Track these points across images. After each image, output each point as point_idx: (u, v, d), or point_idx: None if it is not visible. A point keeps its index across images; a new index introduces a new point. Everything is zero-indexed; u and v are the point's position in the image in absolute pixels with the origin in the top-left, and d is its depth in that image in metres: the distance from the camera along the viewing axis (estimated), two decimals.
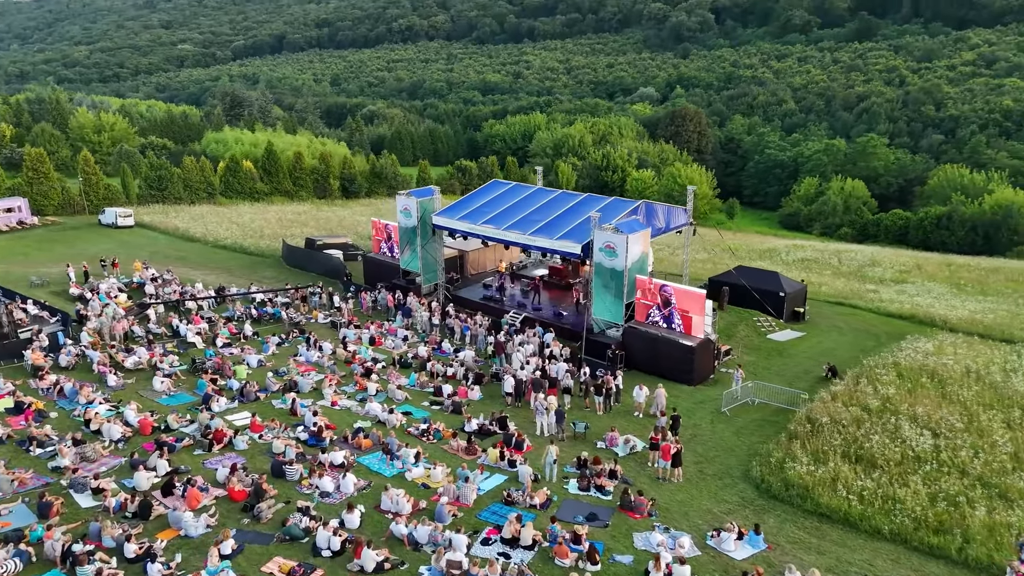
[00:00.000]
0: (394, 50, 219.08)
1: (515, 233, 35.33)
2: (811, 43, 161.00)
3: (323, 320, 37.75)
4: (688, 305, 30.72)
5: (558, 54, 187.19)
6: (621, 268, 31.49)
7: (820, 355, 34.40)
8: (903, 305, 43.29)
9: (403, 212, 40.05)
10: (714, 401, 28.78)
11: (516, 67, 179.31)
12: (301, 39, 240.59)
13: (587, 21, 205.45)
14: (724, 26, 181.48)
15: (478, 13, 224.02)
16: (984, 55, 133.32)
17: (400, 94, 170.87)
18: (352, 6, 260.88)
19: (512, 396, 28.08)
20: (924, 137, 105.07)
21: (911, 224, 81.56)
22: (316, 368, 31.13)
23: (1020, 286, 52.30)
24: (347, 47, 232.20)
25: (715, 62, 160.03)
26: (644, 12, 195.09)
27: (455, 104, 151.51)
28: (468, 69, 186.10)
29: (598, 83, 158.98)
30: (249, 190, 74.86)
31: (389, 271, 42.10)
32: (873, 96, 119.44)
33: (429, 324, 36.46)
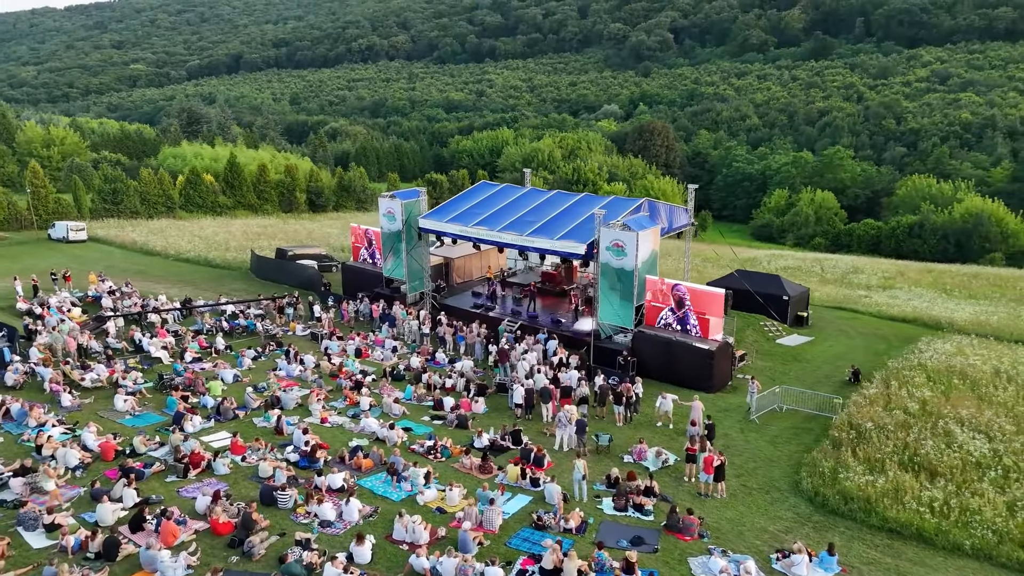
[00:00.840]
0: (354, 69, 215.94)
1: (511, 234, 32.68)
2: (769, 61, 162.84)
3: (302, 332, 34.47)
4: (705, 306, 28.37)
5: (520, 73, 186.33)
6: (631, 268, 29.02)
7: (835, 359, 32.41)
8: (903, 308, 41.79)
9: (386, 215, 37.11)
10: (738, 409, 26.36)
11: (479, 86, 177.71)
12: (259, 59, 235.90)
13: (548, 41, 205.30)
14: (683, 45, 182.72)
15: (439, 33, 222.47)
16: (937, 72, 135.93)
17: (362, 112, 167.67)
18: (311, 26, 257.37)
19: (522, 408, 25.24)
20: (887, 150, 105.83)
21: (883, 233, 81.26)
22: (299, 383, 27.90)
23: (1004, 290, 51.46)
24: (306, 67, 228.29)
25: (676, 80, 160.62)
26: (604, 32, 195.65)
27: (419, 121, 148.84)
28: (430, 88, 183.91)
29: (562, 100, 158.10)
30: (211, 203, 70.95)
31: (371, 280, 39.01)
32: (834, 111, 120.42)
33: (419, 334, 33.47)
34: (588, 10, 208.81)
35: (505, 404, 26.57)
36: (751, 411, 25.82)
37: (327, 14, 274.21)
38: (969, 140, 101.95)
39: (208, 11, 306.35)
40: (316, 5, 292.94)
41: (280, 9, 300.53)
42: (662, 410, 24.74)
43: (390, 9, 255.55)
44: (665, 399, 24.72)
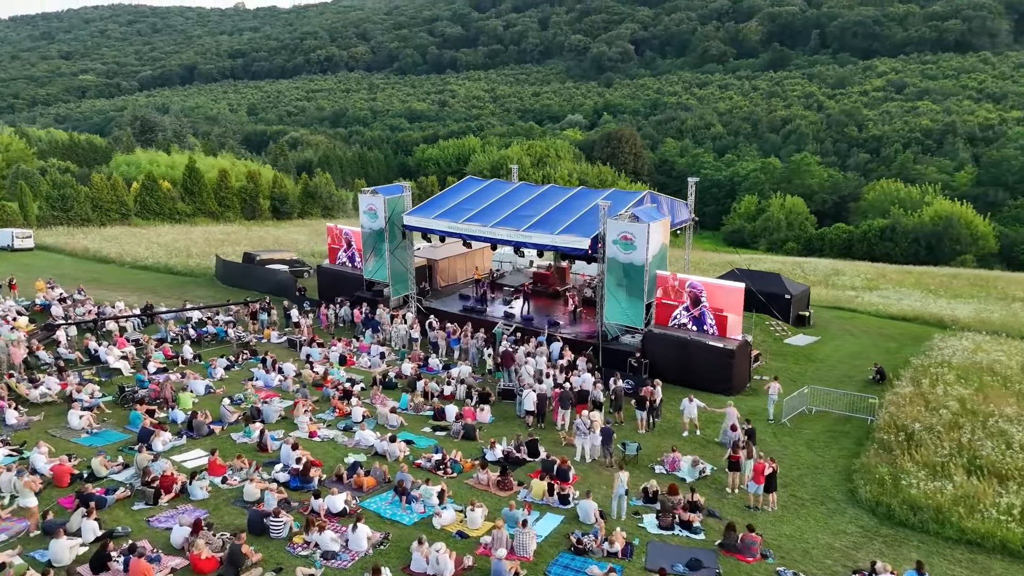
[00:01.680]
0: (313, 80, 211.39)
1: (507, 230, 30.15)
2: (729, 72, 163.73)
3: (278, 339, 31.37)
4: (722, 302, 26.17)
5: (482, 84, 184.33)
6: (641, 262, 26.72)
7: (850, 359, 30.55)
8: (901, 307, 40.38)
9: (367, 213, 34.27)
10: (762, 414, 24.11)
11: (441, 96, 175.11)
12: (214, 69, 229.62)
13: (509, 52, 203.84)
14: (644, 57, 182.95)
15: (399, 44, 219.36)
16: (893, 81, 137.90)
17: (322, 122, 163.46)
18: (267, 37, 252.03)
19: (534, 415, 22.64)
20: (851, 156, 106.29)
21: (855, 237, 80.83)
22: (279, 393, 24.89)
23: (986, 289, 50.64)
24: (263, 78, 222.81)
25: (639, 90, 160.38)
26: (565, 44, 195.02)
27: (382, 131, 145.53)
28: (392, 98, 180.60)
29: (525, 111, 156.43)
30: (169, 211, 66.93)
31: (350, 283, 36.03)
32: (797, 119, 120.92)
33: (407, 339, 30.66)
34: (548, 22, 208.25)
35: (512, 412, 23.98)
36: (771, 413, 23.72)
37: (284, 25, 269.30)
38: (930, 146, 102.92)
39: (160, 22, 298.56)
40: (272, 16, 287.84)
41: (235, 20, 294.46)
42: (687, 416, 22.36)
43: (349, 20, 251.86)
44: (691, 403, 22.31)
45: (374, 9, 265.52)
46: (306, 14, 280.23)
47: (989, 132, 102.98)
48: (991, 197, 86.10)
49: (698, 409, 22.31)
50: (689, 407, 22.19)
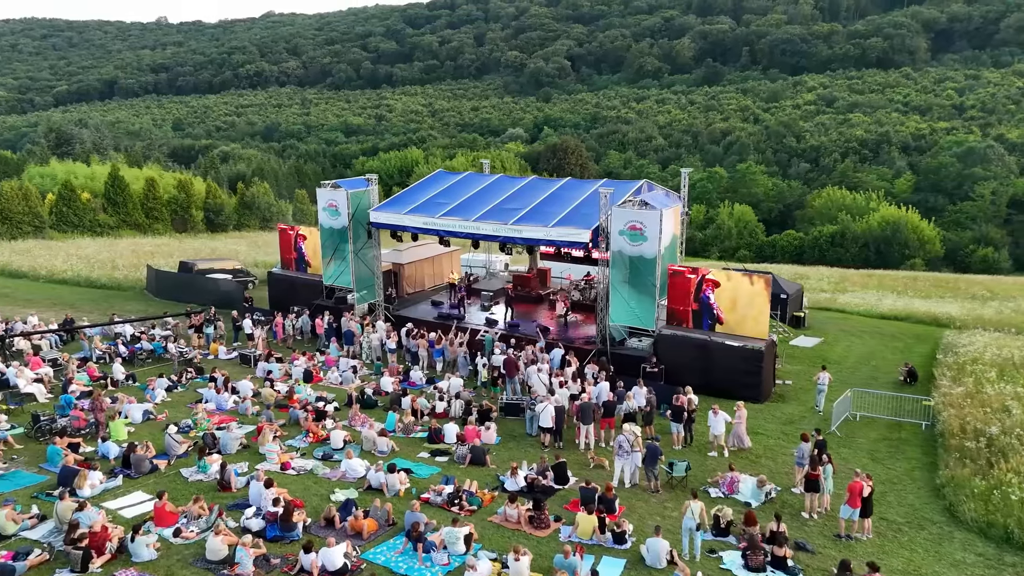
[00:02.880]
0: (243, 95, 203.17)
1: (493, 224, 26.42)
2: (665, 87, 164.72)
3: (227, 355, 26.77)
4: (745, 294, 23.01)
5: (420, 99, 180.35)
6: (652, 254, 23.41)
7: (865, 360, 27.98)
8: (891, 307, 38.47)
9: (328, 210, 30.05)
10: (802, 421, 21.05)
11: (377, 110, 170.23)
12: (135, 84, 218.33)
13: (445, 68, 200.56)
14: (580, 73, 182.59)
15: (332, 60, 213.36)
16: (823, 96, 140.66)
17: (254, 137, 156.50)
18: (193, 51, 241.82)
19: (551, 433, 18.89)
20: (791, 166, 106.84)
21: (806, 243, 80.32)
22: (236, 417, 20.46)
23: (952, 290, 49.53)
24: (189, 93, 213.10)
25: (578, 105, 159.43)
26: (502, 60, 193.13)
27: (317, 145, 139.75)
28: (326, 113, 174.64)
29: (465, 125, 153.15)
30: (90, 223, 60.50)
31: (306, 290, 31.62)
32: (737, 130, 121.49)
33: (382, 350, 26.51)
34: (484, 38, 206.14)
35: (519, 429, 20.18)
36: (821, 404, 20.78)
37: (210, 40, 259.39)
38: (867, 155, 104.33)
39: (77, 36, 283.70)
40: (197, 31, 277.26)
41: (158, 35, 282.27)
42: (715, 431, 18.75)
43: (279, 35, 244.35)
44: (716, 416, 18.73)
45: (304, 24, 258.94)
46: (233, 29, 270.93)
47: (921, 141, 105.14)
48: (931, 203, 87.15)
49: (725, 424, 18.84)
50: (715, 422, 18.63)
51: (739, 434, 18.74)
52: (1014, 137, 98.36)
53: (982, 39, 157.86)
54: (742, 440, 18.64)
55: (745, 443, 18.63)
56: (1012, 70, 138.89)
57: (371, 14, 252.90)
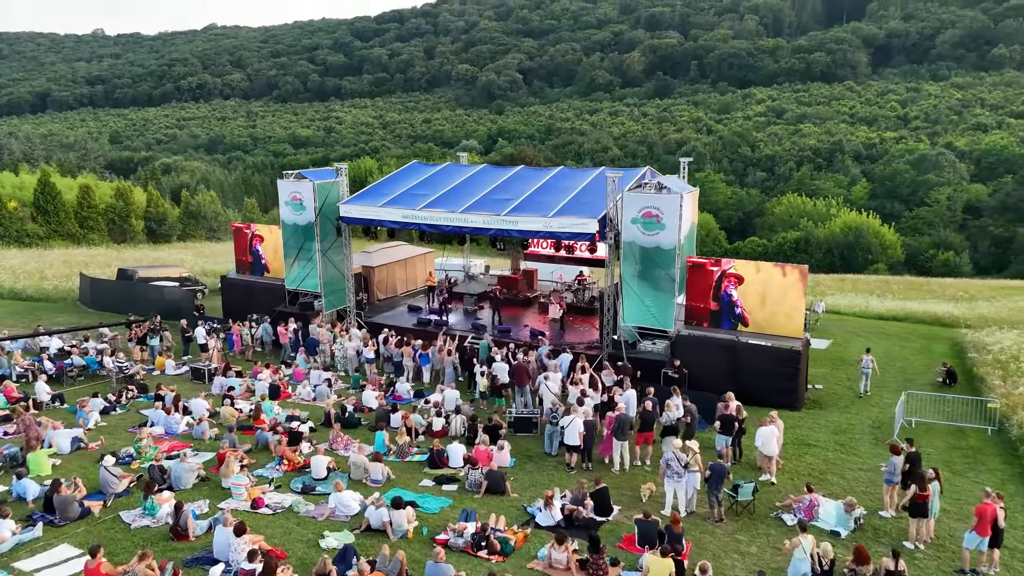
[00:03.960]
0: (185, 108, 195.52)
1: (484, 216, 23.20)
2: (617, 100, 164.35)
3: (176, 370, 22.85)
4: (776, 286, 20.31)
5: (370, 111, 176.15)
6: (670, 244, 20.58)
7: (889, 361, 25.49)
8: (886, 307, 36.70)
9: (291, 204, 26.46)
10: (852, 429, 18.38)
11: (327, 123, 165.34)
12: (70, 97, 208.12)
13: (395, 81, 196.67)
14: (532, 86, 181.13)
15: (278, 72, 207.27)
16: (772, 107, 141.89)
17: (197, 149, 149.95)
18: (131, 63, 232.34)
19: (577, 452, 15.69)
20: (748, 175, 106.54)
21: (770, 250, 79.11)
22: (191, 443, 16.73)
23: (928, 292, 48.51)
24: (127, 105, 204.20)
25: (531, 117, 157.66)
26: (452, 73, 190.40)
27: (264, 157, 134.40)
28: (273, 125, 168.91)
29: (417, 137, 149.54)
30: (16, 232, 55.02)
31: (266, 296, 27.83)
32: (691, 141, 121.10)
33: (358, 360, 22.98)
34: (434, 52, 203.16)
35: (535, 448, 16.93)
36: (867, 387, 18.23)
37: (149, 52, 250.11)
38: (821, 163, 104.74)
39: (7, 48, 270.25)
40: (136, 43, 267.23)
41: (94, 47, 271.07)
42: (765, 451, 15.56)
43: (222, 47, 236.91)
44: (768, 427, 15.37)
45: (249, 37, 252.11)
46: (174, 41, 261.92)
47: (872, 150, 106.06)
48: (888, 209, 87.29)
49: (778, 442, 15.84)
50: (766, 436, 15.56)
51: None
52: (962, 145, 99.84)
53: (919, 54, 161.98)
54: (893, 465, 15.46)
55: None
56: (950, 83, 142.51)
57: (318, 27, 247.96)
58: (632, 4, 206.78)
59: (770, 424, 15.19)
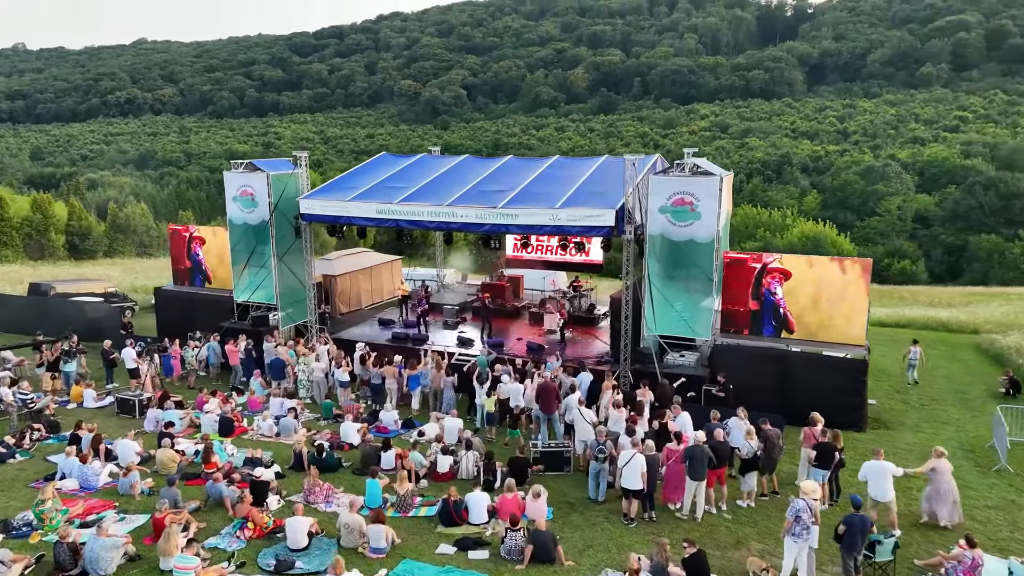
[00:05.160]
0: (112, 123, 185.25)
1: (476, 209, 19.40)
2: (562, 115, 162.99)
3: (98, 402, 18.20)
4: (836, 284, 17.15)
5: (310, 126, 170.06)
6: (707, 237, 17.25)
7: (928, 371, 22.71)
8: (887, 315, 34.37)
9: (240, 200, 22.19)
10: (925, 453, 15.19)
11: (265, 138, 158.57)
12: None
13: (336, 96, 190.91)
14: (477, 102, 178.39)
15: (212, 87, 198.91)
16: (716, 123, 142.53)
17: (126, 165, 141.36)
18: (55, 78, 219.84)
19: (641, 497, 11.95)
20: None
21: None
22: (115, 502, 12.38)
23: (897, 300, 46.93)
24: (50, 121, 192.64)
25: (478, 132, 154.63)
26: (395, 88, 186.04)
27: (199, 172, 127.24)
28: (208, 141, 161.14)
29: (360, 151, 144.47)
30: None
31: (210, 310, 23.31)
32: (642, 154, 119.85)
33: (326, 383, 18.79)
34: (376, 67, 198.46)
35: (574, 492, 13.13)
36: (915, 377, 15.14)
37: (74, 66, 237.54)
38: (770, 176, 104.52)
39: None
40: (60, 57, 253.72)
41: (14, 61, 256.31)
42: (878, 497, 11.92)
43: (152, 62, 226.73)
44: (878, 461, 11.80)
45: (181, 52, 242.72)
46: (100, 55, 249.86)
47: (819, 162, 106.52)
48: (840, 219, 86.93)
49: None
50: (876, 472, 12.02)
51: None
52: (904, 157, 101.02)
53: (852, 72, 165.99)
54: None
55: None
56: (883, 100, 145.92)
57: (254, 43, 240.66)
58: (573, 23, 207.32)
59: (880, 458, 11.77)
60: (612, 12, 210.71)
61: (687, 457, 11.79)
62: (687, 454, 11.78)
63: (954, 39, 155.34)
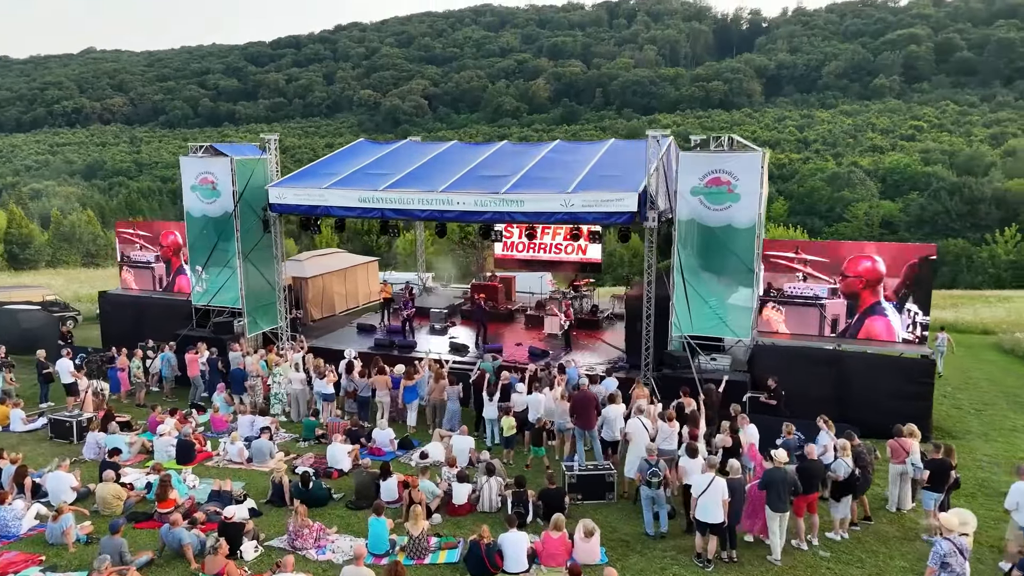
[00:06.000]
0: (59, 133, 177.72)
1: (475, 195, 16.85)
2: (525, 125, 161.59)
3: (28, 424, 15.09)
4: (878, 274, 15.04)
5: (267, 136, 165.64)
6: (747, 222, 15.03)
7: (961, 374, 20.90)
8: None
9: (199, 189, 19.31)
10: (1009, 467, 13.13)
11: None
12: None
13: (294, 106, 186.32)
14: (438, 112, 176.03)
15: (164, 97, 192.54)
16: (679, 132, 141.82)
17: (73, 175, 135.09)
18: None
19: (721, 533, 9.47)
20: None
21: None
22: (41, 557, 9.43)
23: None
24: None
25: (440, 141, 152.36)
26: (354, 98, 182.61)
27: (151, 182, 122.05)
28: (160, 151, 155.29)
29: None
30: None
31: (164, 316, 20.23)
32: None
33: (306, 397, 15.98)
34: (334, 77, 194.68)
35: (626, 526, 10.61)
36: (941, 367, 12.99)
37: (18, 75, 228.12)
38: None
39: None
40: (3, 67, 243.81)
41: None
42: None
43: (101, 71, 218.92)
44: None
45: (131, 61, 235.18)
46: (47, 64, 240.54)
47: (783, 169, 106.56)
48: (808, 225, 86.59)
49: None
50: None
51: None
52: (867, 164, 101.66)
53: (808, 84, 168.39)
54: None
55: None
56: (839, 110, 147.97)
57: (208, 52, 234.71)
58: (534, 34, 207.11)
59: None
60: (572, 24, 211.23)
61: (766, 483, 9.38)
62: (767, 479, 9.37)
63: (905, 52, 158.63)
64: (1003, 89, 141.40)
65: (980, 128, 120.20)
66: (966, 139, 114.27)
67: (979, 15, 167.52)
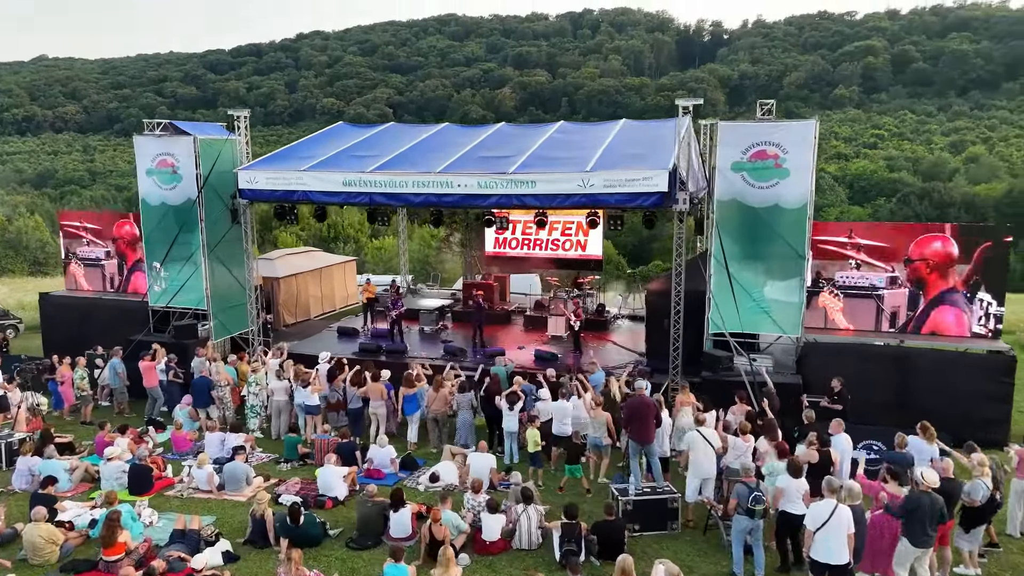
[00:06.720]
0: (9, 142, 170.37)
1: (479, 176, 14.64)
2: None
3: None
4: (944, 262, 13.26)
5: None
6: (797, 202, 13.11)
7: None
8: None
9: (157, 173, 16.78)
10: None
11: None
12: None
13: (255, 114, 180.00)
14: (403, 120, 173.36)
15: (120, 105, 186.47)
16: None
17: (23, 185, 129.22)
18: None
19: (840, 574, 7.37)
20: None
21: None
22: None
23: None
24: None
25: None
26: (317, 107, 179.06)
27: (106, 191, 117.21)
28: (116, 159, 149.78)
29: None
30: None
31: (117, 319, 17.52)
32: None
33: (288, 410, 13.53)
34: (296, 85, 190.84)
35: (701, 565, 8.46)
36: None
37: None
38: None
39: None
40: None
41: None
42: None
43: (53, 78, 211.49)
44: None
45: (85, 68, 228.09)
46: None
47: None
48: None
49: None
50: None
51: None
52: (833, 170, 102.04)
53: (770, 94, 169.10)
54: None
55: None
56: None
57: (165, 60, 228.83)
58: (499, 43, 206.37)
59: None
60: (536, 34, 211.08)
61: (907, 511, 7.32)
62: (911, 505, 7.30)
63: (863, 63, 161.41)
64: (958, 99, 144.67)
65: (940, 136, 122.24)
66: (927, 147, 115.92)
67: (933, 28, 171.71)
